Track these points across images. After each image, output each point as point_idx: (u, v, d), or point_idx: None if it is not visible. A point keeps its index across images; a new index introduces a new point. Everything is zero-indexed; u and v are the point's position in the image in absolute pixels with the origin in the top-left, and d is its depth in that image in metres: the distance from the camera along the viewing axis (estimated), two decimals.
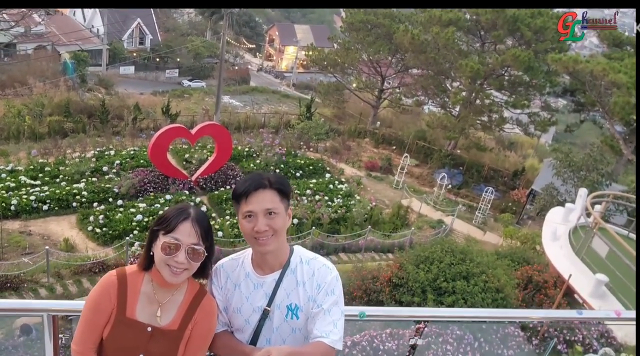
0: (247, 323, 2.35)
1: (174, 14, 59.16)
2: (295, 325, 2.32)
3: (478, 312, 2.47)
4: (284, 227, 2.30)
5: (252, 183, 2.25)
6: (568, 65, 21.99)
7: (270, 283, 2.33)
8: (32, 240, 16.54)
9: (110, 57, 44.83)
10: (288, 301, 2.31)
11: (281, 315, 2.32)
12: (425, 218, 22.88)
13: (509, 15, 27.07)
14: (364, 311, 2.41)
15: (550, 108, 31.57)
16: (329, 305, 2.27)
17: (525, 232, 20.22)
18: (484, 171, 29.83)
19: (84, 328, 2.13)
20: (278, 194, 2.26)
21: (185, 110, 33.84)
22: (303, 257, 2.38)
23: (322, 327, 2.23)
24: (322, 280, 2.31)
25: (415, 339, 2.61)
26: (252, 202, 2.23)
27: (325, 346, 2.19)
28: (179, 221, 2.13)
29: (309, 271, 2.33)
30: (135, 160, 21.90)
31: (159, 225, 2.16)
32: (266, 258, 2.33)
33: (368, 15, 33.55)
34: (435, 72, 31.25)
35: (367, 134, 33.29)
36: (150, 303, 2.20)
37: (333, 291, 2.30)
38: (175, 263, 2.11)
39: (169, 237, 2.11)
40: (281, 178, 2.32)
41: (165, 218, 2.16)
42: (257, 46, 64.70)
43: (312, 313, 2.28)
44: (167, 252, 2.10)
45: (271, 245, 2.26)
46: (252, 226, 2.22)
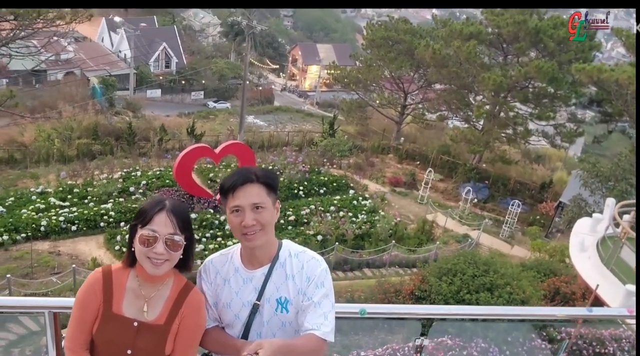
0: (237, 318, 2.35)
1: (198, 37, 60.34)
2: (286, 319, 2.31)
3: (481, 310, 2.43)
4: (272, 221, 2.30)
5: (239, 178, 2.25)
6: (592, 75, 21.66)
7: (260, 277, 2.33)
8: (60, 260, 16.87)
9: (137, 81, 45.79)
10: (278, 295, 2.31)
11: (271, 309, 2.31)
12: (450, 232, 22.62)
13: (530, 27, 26.90)
14: (364, 308, 2.39)
15: (577, 120, 31.10)
16: (319, 298, 2.26)
17: (553, 245, 19.83)
18: (510, 184, 29.41)
19: (74, 326, 2.15)
20: (265, 188, 2.26)
21: (210, 130, 34.29)
22: (292, 251, 2.38)
23: (313, 320, 2.22)
24: (312, 273, 2.30)
25: (421, 340, 2.57)
26: (239, 196, 2.23)
27: (316, 338, 2.19)
28: (155, 212, 2.14)
29: (298, 265, 2.33)
30: (161, 180, 22.22)
31: (136, 219, 2.17)
32: (255, 253, 2.33)
33: (389, 31, 33.73)
34: (458, 86, 31.12)
35: (390, 150, 33.22)
36: (136, 298, 2.21)
37: (323, 283, 2.29)
38: (154, 254, 2.11)
39: (145, 229, 2.12)
40: (268, 172, 2.32)
41: (141, 211, 2.18)
42: (281, 66, 65.38)
43: (303, 306, 2.27)
44: (145, 244, 2.11)
45: (259, 240, 2.26)
46: (240, 220, 2.22)
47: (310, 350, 2.18)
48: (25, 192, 21.05)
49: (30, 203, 19.79)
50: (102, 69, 42.57)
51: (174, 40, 50.82)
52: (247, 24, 29.02)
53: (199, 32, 61.57)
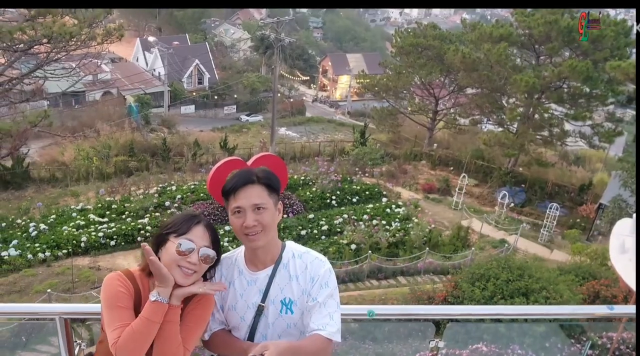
0: (243, 320, 2.36)
1: (229, 52, 61.32)
2: (290, 320, 2.31)
3: (496, 309, 2.38)
4: (274, 222, 2.30)
5: (240, 179, 2.27)
6: (628, 72, 21.03)
7: (264, 279, 2.34)
8: (100, 275, 17.25)
9: (172, 98, 46.81)
10: (282, 296, 2.31)
11: (275, 310, 2.31)
12: (487, 238, 22.22)
13: (562, 27, 26.34)
14: (372, 310, 2.37)
15: (615, 119, 30.22)
16: (324, 298, 2.26)
17: (594, 248, 19.23)
18: (547, 187, 28.73)
19: (116, 317, 2.11)
20: (266, 189, 2.27)
21: (243, 143, 34.72)
22: (295, 252, 2.38)
23: (319, 320, 2.22)
24: (316, 273, 2.30)
25: (436, 342, 2.53)
26: (240, 197, 2.25)
27: (322, 338, 2.18)
28: (193, 224, 2.19)
29: (302, 265, 2.33)
30: (196, 194, 22.55)
31: (169, 229, 2.20)
32: (258, 254, 2.34)
33: (418, 38, 33.58)
34: (489, 90, 30.66)
35: (423, 156, 32.93)
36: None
37: (327, 283, 2.29)
38: (187, 264, 2.15)
39: (182, 238, 2.15)
40: (269, 173, 2.33)
41: (176, 222, 2.21)
42: (311, 78, 65.81)
43: (308, 307, 2.27)
44: (181, 252, 2.14)
45: (261, 241, 2.27)
46: (241, 222, 2.24)
47: (317, 351, 2.18)
48: (66, 209, 21.68)
49: (70, 220, 20.37)
50: (137, 87, 43.75)
51: (205, 57, 51.84)
52: (275, 37, 29.35)
53: (229, 48, 62.63)
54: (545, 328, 8.68)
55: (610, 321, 10.17)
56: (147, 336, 2.07)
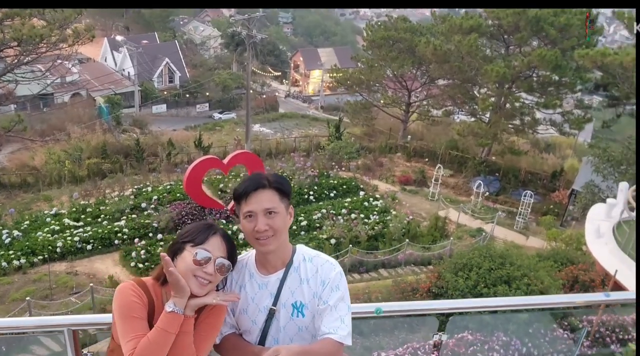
0: (254, 323, 2.36)
1: (200, 50, 60.67)
2: (302, 323, 2.32)
3: (498, 301, 2.42)
4: (285, 226, 2.31)
5: (252, 184, 2.28)
6: (596, 60, 21.50)
7: (275, 282, 2.34)
8: (78, 280, 16.99)
9: (143, 97, 46.17)
10: (293, 300, 2.32)
11: (287, 313, 2.32)
12: (464, 227, 22.52)
13: (531, 16, 26.76)
14: (380, 307, 2.39)
15: (584, 106, 30.87)
16: (335, 301, 2.27)
17: (569, 233, 19.65)
18: (521, 175, 29.26)
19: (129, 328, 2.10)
20: (277, 193, 2.28)
21: (217, 141, 34.45)
22: (306, 255, 2.39)
23: (330, 323, 2.23)
24: (326, 277, 2.31)
25: (439, 335, 2.57)
26: (252, 201, 2.25)
27: (333, 342, 2.19)
28: (210, 234, 2.21)
29: (313, 269, 2.34)
30: (172, 195, 22.30)
31: (186, 237, 2.21)
32: (269, 258, 2.35)
33: (389, 31, 33.71)
34: (461, 81, 31.01)
35: (398, 149, 33.16)
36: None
37: (338, 287, 2.30)
38: (203, 274, 2.15)
39: (199, 248, 2.16)
40: (280, 178, 2.34)
41: (193, 231, 2.22)
42: (283, 73, 65.59)
43: (319, 310, 2.28)
44: (197, 262, 2.15)
45: (272, 245, 2.27)
46: (253, 226, 2.25)
47: (328, 354, 2.18)
48: (39, 214, 21.25)
49: (45, 225, 19.97)
50: (107, 88, 43.00)
51: (176, 55, 51.23)
52: (247, 33, 29.14)
53: (200, 45, 61.94)
54: (528, 315, 8.86)
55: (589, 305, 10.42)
56: (163, 347, 2.07)
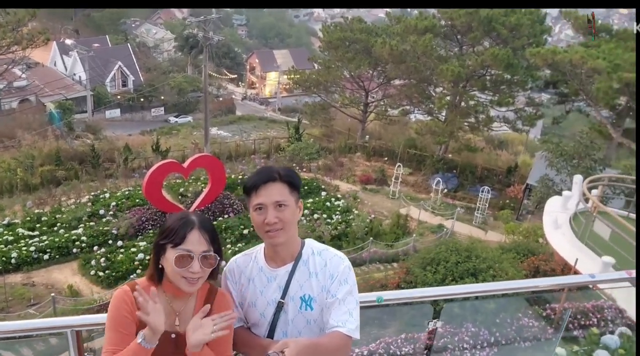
0: (263, 316, 2.36)
1: (153, 53, 59.67)
2: (310, 316, 2.32)
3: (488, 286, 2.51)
4: (294, 220, 2.32)
5: (262, 176, 2.28)
6: (547, 58, 22.29)
7: (283, 275, 2.35)
8: (36, 291, 16.42)
9: (95, 102, 45.05)
10: (301, 293, 2.32)
11: (295, 306, 2.32)
12: (425, 224, 22.90)
13: (483, 16, 27.49)
14: (381, 296, 2.43)
15: (535, 103, 31.88)
16: (344, 295, 2.28)
17: (526, 226, 20.25)
18: (477, 172, 29.96)
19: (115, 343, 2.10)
20: (288, 187, 2.29)
21: (174, 146, 33.93)
22: (315, 249, 2.40)
23: (338, 317, 2.23)
24: (335, 270, 2.32)
25: (433, 323, 2.63)
26: (262, 194, 2.26)
27: (342, 335, 2.20)
28: (187, 231, 2.13)
29: (321, 262, 2.35)
30: (131, 200, 21.84)
31: (165, 238, 2.15)
32: (278, 251, 2.35)
33: (345, 32, 33.96)
34: (417, 80, 31.55)
35: (357, 149, 33.44)
36: (167, 314, 2.19)
37: (346, 280, 2.31)
38: (190, 273, 2.11)
39: (179, 250, 2.10)
40: (291, 171, 2.35)
41: (170, 230, 2.14)
42: (239, 76, 65.20)
43: (327, 304, 2.29)
44: (181, 264, 2.10)
45: (281, 237, 2.28)
46: (263, 218, 2.25)
47: (336, 348, 2.19)
48: None
49: None
50: (57, 93, 41.75)
51: (128, 59, 50.21)
52: (203, 35, 28.81)
53: (153, 48, 60.96)
54: (495, 305, 9.10)
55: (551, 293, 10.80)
56: None
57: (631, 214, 13.79)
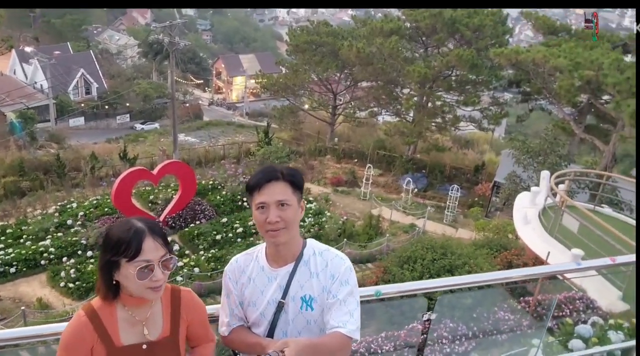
0: (263, 316, 2.36)
1: (117, 60, 58.72)
2: (310, 317, 2.33)
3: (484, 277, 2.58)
4: (296, 219, 2.32)
5: (265, 175, 2.28)
6: (511, 57, 22.79)
7: (284, 275, 2.35)
8: (3, 305, 15.95)
9: (58, 111, 44.05)
10: (302, 293, 2.32)
11: (296, 306, 2.32)
12: (397, 224, 23.11)
13: (447, 18, 27.94)
14: (379, 290, 2.46)
15: (499, 102, 32.50)
16: (344, 295, 2.28)
17: (495, 223, 20.62)
18: (446, 171, 30.41)
19: None
20: (290, 186, 2.29)
21: (142, 153, 33.46)
22: (316, 249, 2.40)
23: (339, 317, 2.24)
24: (336, 271, 2.32)
25: (429, 314, 2.68)
26: (265, 193, 2.25)
27: (342, 336, 2.20)
28: (140, 241, 2.01)
29: (322, 263, 2.35)
30: (100, 209, 21.45)
31: (116, 253, 2.01)
32: (279, 250, 2.35)
33: (311, 35, 34.08)
34: (384, 82, 31.86)
35: (327, 151, 33.56)
36: (132, 326, 2.15)
37: (347, 281, 2.31)
38: (154, 282, 2.04)
39: (138, 262, 2.00)
40: (294, 171, 2.35)
41: (121, 243, 2.01)
42: (205, 81, 64.70)
43: (328, 304, 2.29)
44: (143, 276, 2.01)
45: (283, 237, 2.28)
46: (265, 217, 2.24)
47: (336, 348, 2.20)
48: None
49: None
50: (18, 102, 40.66)
51: (91, 66, 49.29)
52: (169, 41, 28.49)
53: (116, 55, 59.96)
54: (472, 300, 9.26)
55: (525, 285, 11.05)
56: None
57: (597, 208, 14.23)
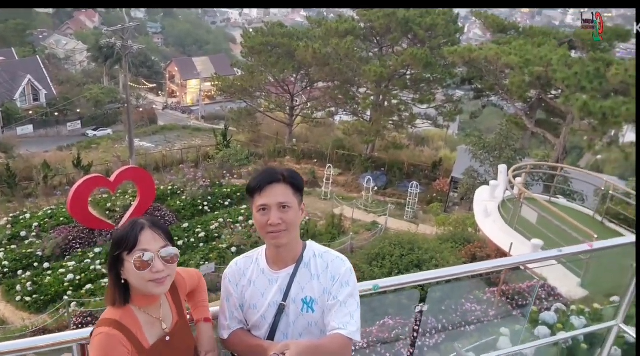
0: (264, 318, 2.36)
1: (65, 65, 57.01)
2: (311, 319, 2.33)
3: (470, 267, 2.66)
4: (297, 222, 2.32)
5: (266, 178, 2.29)
6: (464, 55, 23.34)
7: (285, 277, 2.35)
8: None
9: (5, 119, 42.47)
10: (303, 295, 2.32)
11: (297, 309, 2.33)
12: (359, 222, 23.29)
13: (400, 18, 28.36)
14: (377, 284, 2.50)
15: (452, 100, 33.20)
16: (345, 297, 2.29)
17: (455, 217, 21.05)
18: (404, 168, 30.86)
19: None
20: (291, 188, 2.30)
21: (96, 160, 32.58)
22: (316, 251, 2.41)
23: (339, 319, 2.25)
24: (337, 272, 2.33)
25: (421, 306, 2.74)
26: (266, 195, 2.26)
27: (342, 337, 2.21)
28: (138, 233, 2.04)
29: (323, 264, 2.36)
30: (55, 219, 20.80)
31: (118, 248, 2.05)
32: (280, 253, 2.35)
33: (266, 37, 33.98)
34: (341, 82, 32.08)
35: (287, 152, 33.55)
36: (152, 325, 2.16)
37: (348, 282, 2.33)
38: (154, 274, 2.03)
39: (136, 252, 2.02)
40: (295, 173, 2.36)
41: (121, 238, 2.05)
42: (158, 85, 63.59)
43: (328, 306, 2.29)
44: (142, 266, 2.01)
45: (284, 239, 2.28)
46: (266, 219, 2.24)
47: (337, 350, 2.20)
48: None
49: None
50: None
51: (39, 72, 47.66)
52: (122, 44, 27.85)
53: (64, 60, 58.19)
54: (441, 294, 9.46)
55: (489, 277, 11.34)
56: None
57: (553, 199, 14.74)
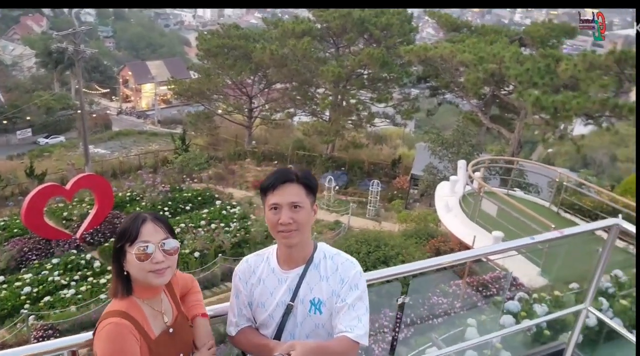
0: (271, 318, 2.37)
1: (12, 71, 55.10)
2: (319, 320, 2.33)
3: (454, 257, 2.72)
4: (309, 222, 2.33)
5: (280, 177, 2.30)
6: (420, 54, 23.73)
7: (294, 278, 2.35)
8: None
9: None
10: (311, 296, 2.33)
11: (304, 309, 2.33)
12: (322, 222, 23.35)
13: (356, 18, 28.62)
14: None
15: (408, 98, 33.66)
16: (353, 300, 2.29)
17: (417, 213, 21.39)
18: (364, 167, 31.15)
19: None
20: (304, 189, 2.30)
21: (50, 168, 31.62)
22: (327, 253, 2.42)
23: (347, 322, 2.25)
24: (346, 275, 2.34)
25: (403, 298, 2.80)
26: (278, 194, 2.26)
27: (349, 340, 2.21)
28: (139, 225, 2.10)
29: (333, 266, 2.36)
30: (8, 231, 20.13)
31: (121, 240, 2.11)
32: (290, 253, 2.35)
33: (222, 39, 33.69)
34: (299, 83, 32.10)
35: (247, 155, 33.37)
36: (155, 317, 2.19)
37: (357, 286, 2.33)
38: (155, 265, 2.08)
39: (137, 244, 2.07)
40: (308, 173, 2.37)
41: (124, 231, 2.12)
42: (112, 90, 62.15)
43: (336, 308, 2.30)
44: (142, 257, 2.07)
45: (295, 239, 2.28)
46: (277, 218, 2.25)
47: (343, 352, 2.20)
48: None
49: None
50: None
51: None
52: (74, 49, 27.08)
53: (12, 66, 56.25)
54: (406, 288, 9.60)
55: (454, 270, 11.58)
56: None
57: (510, 191, 15.17)
